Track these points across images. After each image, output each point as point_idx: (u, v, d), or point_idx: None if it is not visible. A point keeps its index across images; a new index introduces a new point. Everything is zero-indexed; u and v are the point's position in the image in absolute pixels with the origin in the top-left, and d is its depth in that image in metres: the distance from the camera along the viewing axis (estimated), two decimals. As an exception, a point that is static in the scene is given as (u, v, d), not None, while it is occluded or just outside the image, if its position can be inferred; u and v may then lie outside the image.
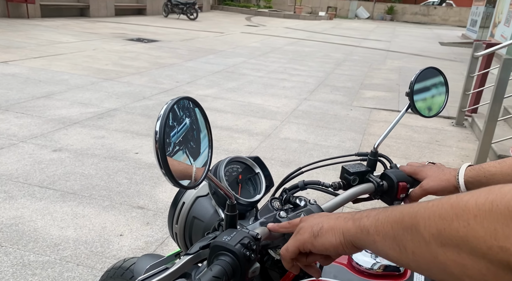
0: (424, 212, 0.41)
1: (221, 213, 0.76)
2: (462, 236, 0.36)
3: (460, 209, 0.37)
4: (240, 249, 0.53)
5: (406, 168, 0.81)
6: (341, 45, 11.54)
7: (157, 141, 0.46)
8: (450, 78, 3.96)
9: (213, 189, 0.76)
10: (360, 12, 27.32)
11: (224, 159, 0.78)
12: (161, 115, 0.47)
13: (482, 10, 13.48)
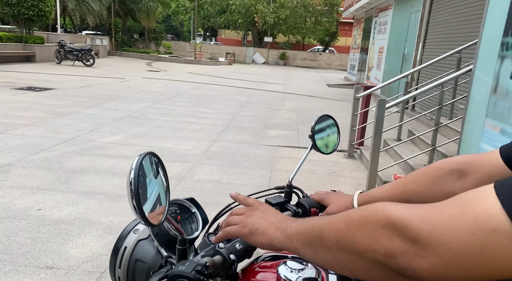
0: (327, 226, 0.55)
1: (163, 252, 0.84)
2: (351, 243, 0.50)
3: (349, 224, 0.52)
4: (195, 275, 0.63)
5: (315, 196, 0.99)
6: (242, 88, 12.20)
7: (133, 190, 0.57)
8: (339, 116, 4.58)
9: (155, 231, 0.84)
10: (257, 57, 29.30)
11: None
12: (133, 168, 0.58)
13: (358, 57, 15.60)
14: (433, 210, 0.44)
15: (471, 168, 0.79)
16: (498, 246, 0.37)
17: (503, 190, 0.39)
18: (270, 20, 28.03)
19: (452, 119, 4.45)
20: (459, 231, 0.40)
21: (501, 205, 0.38)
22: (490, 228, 0.38)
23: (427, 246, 0.42)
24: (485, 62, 3.30)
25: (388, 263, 0.46)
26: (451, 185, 0.81)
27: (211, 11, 36.61)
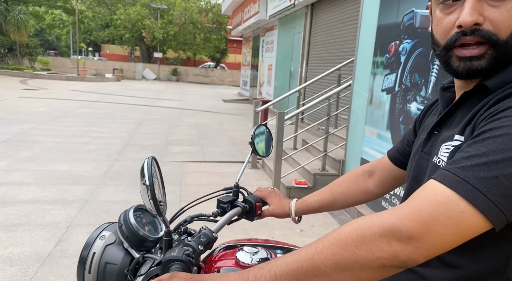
0: (319, 255, 0.60)
1: (134, 253, 0.92)
2: (353, 260, 0.57)
3: (344, 245, 0.58)
4: (187, 258, 0.74)
5: (258, 193, 1.17)
6: (136, 105, 11.84)
7: (148, 186, 0.72)
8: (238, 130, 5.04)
9: (126, 234, 0.92)
10: (147, 73, 28.57)
11: (129, 208, 0.96)
12: (146, 167, 0.70)
13: (249, 73, 16.45)
14: (411, 210, 0.58)
15: (374, 169, 1.11)
16: (467, 220, 0.56)
17: (449, 183, 0.57)
18: (159, 36, 27.68)
19: (337, 127, 5.08)
20: (439, 220, 0.56)
21: (456, 193, 0.56)
22: (459, 210, 0.56)
23: (421, 238, 0.55)
24: (361, 78, 3.92)
25: (393, 263, 0.57)
26: (365, 182, 1.11)
27: (92, 25, 34.62)
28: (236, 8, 16.55)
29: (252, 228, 3.32)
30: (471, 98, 0.73)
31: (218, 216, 1.08)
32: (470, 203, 0.56)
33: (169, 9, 28.60)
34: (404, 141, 1.02)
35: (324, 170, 4.29)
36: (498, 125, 0.60)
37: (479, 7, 0.65)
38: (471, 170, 0.57)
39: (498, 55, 0.67)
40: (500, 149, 0.57)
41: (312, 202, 1.13)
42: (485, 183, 0.56)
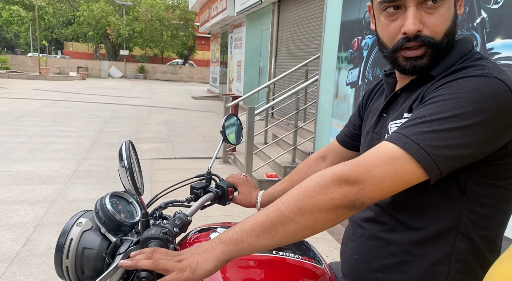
0: (283, 205, 0.69)
1: (111, 237, 0.96)
2: (312, 203, 0.67)
3: (304, 191, 0.68)
4: (164, 236, 0.80)
5: (230, 179, 1.23)
6: (103, 104, 11.56)
7: (127, 167, 0.74)
8: (208, 126, 5.16)
9: (102, 219, 0.96)
10: (113, 71, 27.87)
11: (105, 195, 1.00)
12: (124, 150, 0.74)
13: (218, 70, 16.41)
14: (358, 160, 0.69)
15: (326, 153, 1.21)
16: (402, 166, 0.66)
17: (392, 139, 0.69)
18: (124, 33, 27.02)
19: (306, 121, 5.21)
20: (379, 165, 0.66)
21: (396, 145, 0.67)
22: (396, 158, 0.66)
23: (364, 180, 0.66)
24: (327, 73, 4.05)
25: (344, 203, 0.66)
26: (318, 166, 1.20)
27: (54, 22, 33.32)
28: (204, 5, 16.44)
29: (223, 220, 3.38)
30: (414, 83, 0.84)
31: (191, 202, 1.13)
32: (406, 151, 0.66)
33: (134, 5, 27.98)
34: (350, 125, 1.12)
35: (294, 163, 4.40)
36: (436, 94, 0.72)
37: (419, 15, 0.77)
38: (411, 128, 0.69)
39: (436, 53, 0.79)
40: (435, 111, 0.69)
41: (275, 192, 1.21)
42: (420, 136, 0.67)
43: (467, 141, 0.67)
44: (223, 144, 1.25)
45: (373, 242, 0.86)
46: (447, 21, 0.77)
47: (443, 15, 0.76)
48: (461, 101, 0.68)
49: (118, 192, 1.03)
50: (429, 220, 0.78)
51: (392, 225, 0.83)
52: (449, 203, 0.76)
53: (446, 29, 0.78)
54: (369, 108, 1.01)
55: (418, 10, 0.76)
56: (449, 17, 0.78)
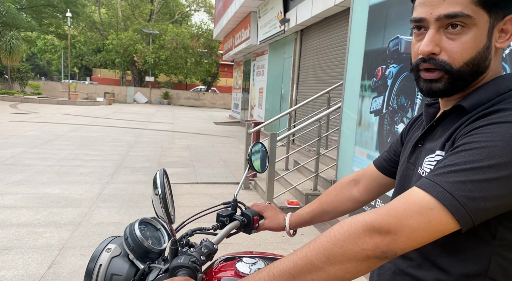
0: (311, 252, 0.67)
1: (139, 264, 0.97)
2: (342, 253, 0.65)
3: (334, 240, 0.66)
4: (193, 265, 0.80)
5: (255, 207, 1.23)
6: (128, 128, 11.86)
7: (161, 195, 0.77)
8: (229, 151, 5.19)
9: (131, 246, 0.97)
10: (138, 97, 28.71)
11: (134, 222, 1.01)
12: (159, 178, 0.76)
13: (240, 96, 16.67)
14: (390, 208, 0.67)
15: (360, 178, 1.18)
16: (436, 218, 0.64)
17: (424, 186, 0.67)
18: (150, 60, 28.01)
19: (328, 148, 5.18)
20: (412, 216, 0.64)
21: (429, 194, 0.66)
22: (429, 208, 0.65)
23: (397, 231, 0.64)
24: (350, 100, 4.05)
25: (376, 254, 0.65)
26: (350, 190, 1.18)
27: (84, 50, 34.95)
28: (228, 34, 16.94)
29: (246, 249, 3.34)
30: (450, 115, 0.83)
31: (217, 229, 1.14)
32: (440, 202, 0.64)
33: (160, 34, 29.07)
34: (391, 151, 1.09)
35: (316, 190, 4.35)
36: (470, 140, 0.69)
37: (437, 39, 0.76)
38: (444, 176, 0.67)
39: (453, 80, 0.77)
40: (469, 160, 0.66)
41: (304, 214, 1.19)
42: (454, 186, 0.65)
43: (503, 193, 0.64)
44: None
45: (399, 278, 0.84)
46: (470, 50, 0.75)
47: (466, 43, 0.74)
48: (497, 150, 0.65)
49: (146, 219, 1.05)
50: (457, 262, 0.75)
51: (419, 261, 0.80)
52: (478, 246, 0.74)
53: (467, 58, 0.75)
54: (409, 137, 1.00)
55: (439, 33, 0.76)
56: (473, 46, 0.75)
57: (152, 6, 32.98)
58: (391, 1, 3.38)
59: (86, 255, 3.07)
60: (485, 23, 0.75)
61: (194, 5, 35.38)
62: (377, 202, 3.36)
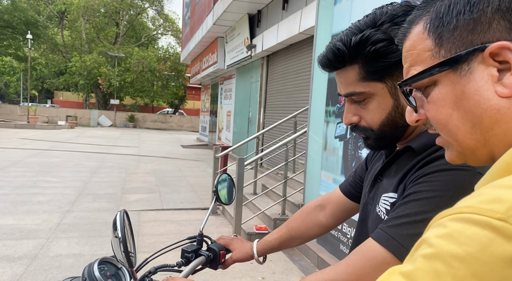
0: None
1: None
2: None
3: None
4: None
5: (221, 241, 1.20)
6: (91, 153, 11.48)
7: (120, 238, 0.72)
8: (197, 175, 5.14)
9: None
10: (103, 120, 28.00)
11: (93, 262, 0.96)
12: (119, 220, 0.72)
13: (208, 119, 16.64)
14: (348, 264, 0.71)
15: (326, 203, 1.18)
16: None
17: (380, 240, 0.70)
18: (115, 83, 27.54)
19: (295, 172, 5.23)
20: (370, 272, 0.68)
21: (385, 248, 0.69)
22: (386, 263, 0.67)
23: None
24: (315, 125, 4.13)
25: None
26: (317, 216, 1.17)
27: (45, 72, 33.92)
28: (195, 58, 17.03)
29: (214, 278, 3.25)
30: (403, 154, 0.85)
31: (182, 266, 1.10)
32: (395, 256, 0.67)
33: (126, 57, 28.78)
34: (356, 176, 1.10)
35: (284, 215, 4.35)
36: (419, 189, 0.72)
37: (353, 109, 0.84)
38: (398, 228, 0.69)
39: (378, 139, 0.84)
40: (420, 211, 0.69)
41: (272, 240, 1.18)
42: (408, 240, 0.67)
43: None
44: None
45: None
46: (379, 114, 0.81)
47: (373, 110, 0.82)
48: (445, 200, 0.67)
49: (106, 258, 1.00)
50: None
51: None
52: None
53: (380, 121, 0.82)
54: (371, 166, 1.01)
55: (352, 104, 0.84)
56: (381, 111, 0.81)
57: (117, 29, 32.74)
58: (352, 31, 3.53)
59: (42, 291, 2.87)
60: (382, 90, 0.80)
61: (161, 28, 35.47)
62: (343, 226, 3.39)
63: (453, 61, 0.47)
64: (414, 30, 0.52)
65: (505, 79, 0.44)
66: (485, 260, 0.33)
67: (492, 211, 0.35)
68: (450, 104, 0.48)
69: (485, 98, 0.45)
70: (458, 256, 0.35)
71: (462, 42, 0.46)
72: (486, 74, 0.45)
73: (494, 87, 0.44)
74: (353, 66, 0.80)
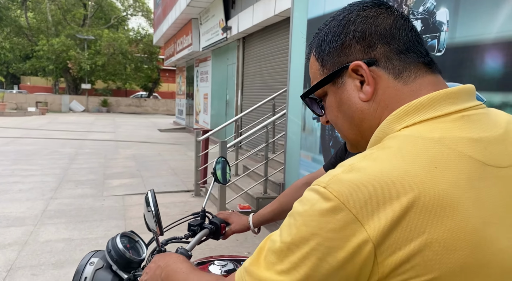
0: None
1: (123, 274, 1.07)
2: None
3: None
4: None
5: (220, 215, 1.37)
6: (66, 139, 11.30)
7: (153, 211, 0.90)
8: (178, 159, 5.34)
9: (115, 258, 1.07)
10: (74, 105, 27.28)
11: (115, 236, 1.11)
12: (151, 197, 0.87)
13: (185, 102, 16.56)
14: None
15: (312, 180, 1.35)
16: None
17: None
18: (86, 67, 26.74)
19: (275, 153, 5.42)
20: None
21: None
22: None
23: None
24: (294, 107, 4.31)
25: None
26: None
27: (11, 56, 32.45)
28: (169, 40, 16.76)
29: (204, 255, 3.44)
30: None
31: (189, 238, 1.26)
32: None
33: (96, 39, 27.89)
34: (337, 157, 1.30)
35: (266, 194, 4.56)
36: None
37: None
38: None
39: None
40: None
41: (265, 213, 1.36)
42: None
43: None
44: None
45: None
46: None
47: None
48: None
49: (126, 232, 1.15)
50: None
51: None
52: None
53: None
54: None
55: None
56: None
57: (85, 10, 31.55)
58: (327, 15, 3.68)
59: (38, 274, 2.98)
60: None
61: (131, 9, 34.42)
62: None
63: (330, 76, 0.65)
64: (311, 56, 0.70)
65: (363, 88, 0.61)
66: (311, 213, 0.51)
67: (321, 182, 0.53)
68: (336, 108, 0.67)
69: (353, 103, 0.63)
70: (299, 212, 0.53)
71: (335, 63, 0.64)
72: (353, 85, 0.63)
73: (358, 94, 0.62)
74: None
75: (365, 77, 0.61)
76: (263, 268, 0.54)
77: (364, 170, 0.50)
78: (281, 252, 0.52)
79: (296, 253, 0.50)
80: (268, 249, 0.55)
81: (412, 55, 0.61)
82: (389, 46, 0.60)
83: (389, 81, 0.60)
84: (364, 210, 0.47)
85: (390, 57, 0.60)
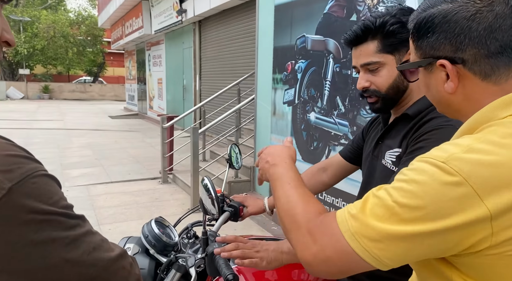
0: None
1: (161, 258, 1.13)
2: None
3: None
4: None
5: (237, 199, 1.44)
6: (10, 129, 10.55)
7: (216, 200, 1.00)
8: (137, 146, 5.35)
9: (152, 242, 1.12)
10: (12, 92, 25.31)
11: (149, 222, 1.16)
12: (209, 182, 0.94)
13: (136, 87, 16.01)
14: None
15: (328, 166, 1.48)
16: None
17: None
18: (23, 51, 24.81)
19: (242, 138, 5.51)
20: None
21: None
22: None
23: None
24: (263, 92, 4.40)
25: None
26: (320, 176, 1.48)
27: None
28: (115, 22, 15.99)
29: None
30: (400, 121, 1.15)
31: (212, 221, 1.33)
32: None
33: (33, 21, 25.86)
34: (354, 145, 1.42)
35: (237, 178, 4.65)
36: (422, 145, 0.98)
37: (366, 77, 1.11)
38: None
39: (385, 100, 1.12)
40: None
41: None
42: None
43: None
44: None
45: None
46: (387, 79, 1.08)
47: (383, 76, 1.09)
48: None
49: (157, 218, 1.20)
50: None
51: None
52: None
53: (388, 85, 1.09)
54: (370, 134, 1.32)
55: (367, 72, 1.10)
56: (389, 77, 1.07)
57: (18, -12, 29.02)
58: (295, 2, 3.78)
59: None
60: (392, 61, 1.09)
61: (70, -12, 32.16)
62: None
63: (420, 62, 0.71)
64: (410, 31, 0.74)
65: (447, 83, 0.66)
66: (430, 183, 0.56)
67: (438, 157, 0.58)
68: (425, 87, 0.74)
69: (439, 91, 0.70)
70: (415, 180, 0.58)
71: (426, 53, 0.69)
72: (439, 76, 0.69)
73: (443, 85, 0.69)
74: (373, 41, 1.07)
75: (449, 75, 0.66)
76: (369, 216, 0.60)
77: (486, 152, 0.56)
78: (393, 209, 0.57)
79: (410, 214, 0.56)
80: (375, 204, 0.60)
81: (504, 59, 0.62)
82: (479, 50, 0.62)
83: (475, 80, 0.65)
84: (484, 186, 0.54)
85: (478, 60, 0.63)
